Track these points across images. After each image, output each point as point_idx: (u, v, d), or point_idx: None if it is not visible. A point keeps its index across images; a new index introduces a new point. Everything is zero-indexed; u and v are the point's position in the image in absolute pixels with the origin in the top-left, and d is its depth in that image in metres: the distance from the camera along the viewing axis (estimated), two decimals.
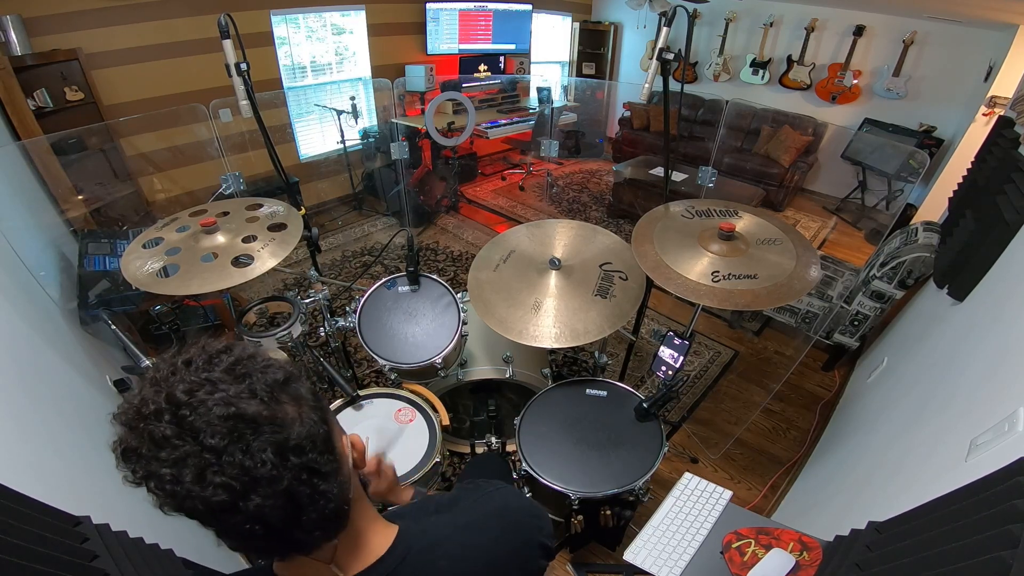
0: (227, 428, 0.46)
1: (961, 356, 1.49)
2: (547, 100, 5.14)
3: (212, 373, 0.49)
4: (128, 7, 3.10)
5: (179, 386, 0.47)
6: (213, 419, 0.46)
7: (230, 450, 0.46)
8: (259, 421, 0.48)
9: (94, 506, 1.05)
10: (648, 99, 1.61)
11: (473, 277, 1.70)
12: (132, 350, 1.68)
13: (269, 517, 0.48)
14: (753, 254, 1.48)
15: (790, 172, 4.76)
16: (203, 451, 0.45)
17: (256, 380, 0.51)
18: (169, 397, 0.47)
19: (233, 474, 0.46)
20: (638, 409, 1.56)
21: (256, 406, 0.48)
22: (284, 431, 0.49)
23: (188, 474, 0.45)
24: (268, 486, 0.47)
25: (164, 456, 0.45)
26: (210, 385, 0.48)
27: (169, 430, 0.46)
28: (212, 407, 0.47)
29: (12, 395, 1.17)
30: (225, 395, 0.48)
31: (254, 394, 0.49)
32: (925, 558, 0.78)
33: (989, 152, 2.23)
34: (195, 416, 0.46)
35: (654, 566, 1.12)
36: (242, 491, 0.46)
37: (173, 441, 0.45)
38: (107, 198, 2.92)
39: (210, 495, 0.45)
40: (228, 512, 0.47)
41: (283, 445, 0.49)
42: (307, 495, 0.50)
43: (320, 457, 0.52)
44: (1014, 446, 0.91)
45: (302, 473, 0.50)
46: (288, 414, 0.51)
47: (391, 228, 4.33)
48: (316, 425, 0.53)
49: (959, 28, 4.12)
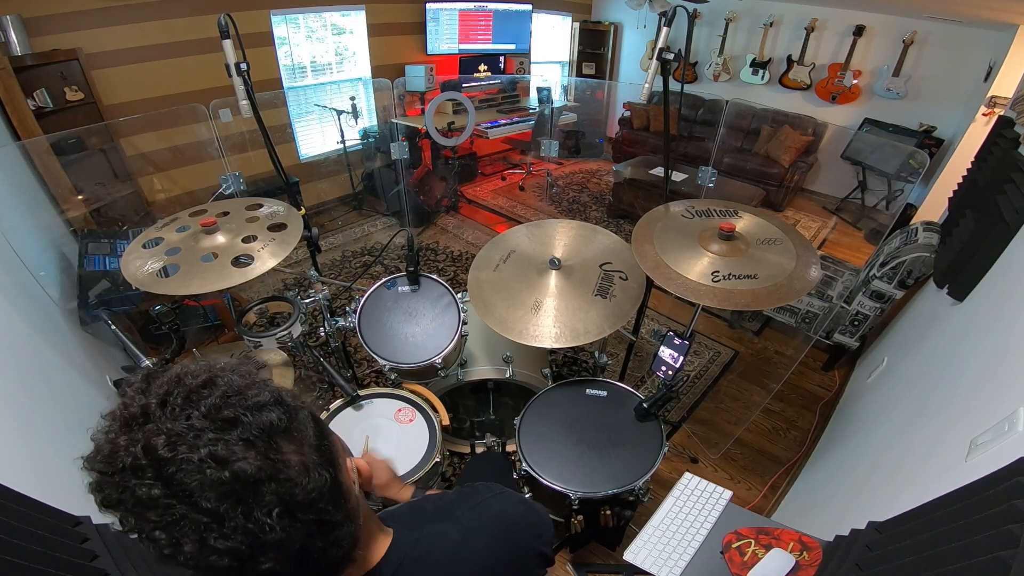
0: (223, 492, 0.40)
1: (961, 356, 1.49)
2: (547, 100, 5.14)
3: (192, 420, 0.42)
4: (128, 7, 3.10)
5: (157, 437, 0.41)
6: (206, 481, 0.40)
7: (231, 515, 0.41)
8: (260, 480, 0.42)
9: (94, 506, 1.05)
10: (648, 99, 1.61)
11: (473, 277, 1.70)
12: (132, 350, 1.68)
13: (280, 568, 0.44)
14: (753, 254, 1.48)
15: (790, 172, 4.76)
16: (200, 515, 0.40)
17: (248, 427, 0.44)
18: (147, 450, 0.40)
19: (239, 539, 0.41)
20: (638, 409, 1.56)
21: (253, 461, 0.42)
22: (289, 487, 0.44)
23: (187, 541, 0.40)
24: (278, 549, 0.43)
25: (154, 518, 0.40)
26: (193, 436, 0.41)
27: (156, 490, 0.40)
28: (202, 466, 0.40)
29: (12, 395, 1.17)
30: (213, 450, 0.41)
31: (249, 445, 0.43)
32: (925, 558, 0.78)
33: (989, 152, 2.23)
34: (183, 475, 0.40)
35: (654, 566, 1.12)
36: (250, 554, 0.42)
37: (162, 502, 0.40)
38: (107, 198, 2.92)
39: (215, 561, 0.41)
40: (235, 566, 0.42)
41: (290, 503, 0.44)
42: (320, 547, 0.48)
43: (330, 506, 0.48)
44: (1014, 446, 0.91)
45: (313, 528, 0.46)
46: (291, 465, 0.45)
47: (391, 228, 4.33)
48: (322, 471, 0.48)
49: (959, 28, 4.12)
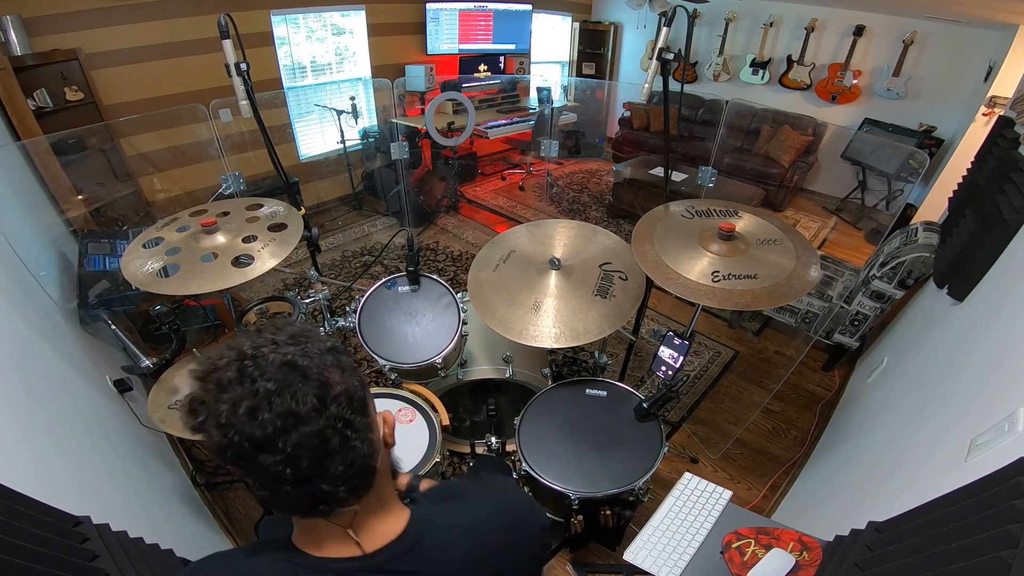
0: (281, 375, 0.55)
1: (961, 356, 1.49)
2: (547, 100, 5.14)
3: (277, 336, 0.59)
4: (128, 7, 3.09)
5: (247, 343, 0.57)
6: (270, 367, 0.55)
7: (280, 392, 0.54)
8: (308, 373, 0.56)
9: (94, 506, 1.05)
10: (648, 99, 1.62)
11: (473, 277, 1.70)
12: (132, 350, 1.68)
13: (301, 458, 0.54)
14: (753, 254, 1.48)
15: (790, 172, 4.75)
16: (258, 392, 0.53)
17: (311, 345, 0.59)
18: (239, 352, 0.56)
19: (280, 411, 0.53)
20: (638, 409, 1.56)
21: (307, 361, 0.57)
22: (326, 386, 0.57)
23: (242, 409, 0.52)
24: (306, 424, 0.54)
25: (225, 398, 0.53)
26: (273, 344, 0.57)
27: (233, 375, 0.54)
28: (272, 359, 0.56)
29: (12, 395, 1.17)
30: (284, 351, 0.57)
31: (307, 355, 0.58)
32: (925, 558, 0.78)
33: (989, 152, 2.23)
34: (255, 366, 0.55)
35: (654, 566, 1.12)
36: (283, 428, 0.53)
37: (234, 386, 0.54)
38: (107, 198, 2.92)
39: (256, 428, 0.52)
40: (268, 449, 0.53)
41: (325, 395, 0.56)
42: (338, 443, 0.56)
43: (355, 414, 0.59)
44: (1014, 446, 0.91)
45: (337, 421, 0.56)
46: (332, 375, 0.58)
47: (391, 228, 4.33)
48: (356, 388, 0.61)
49: (959, 28, 4.12)
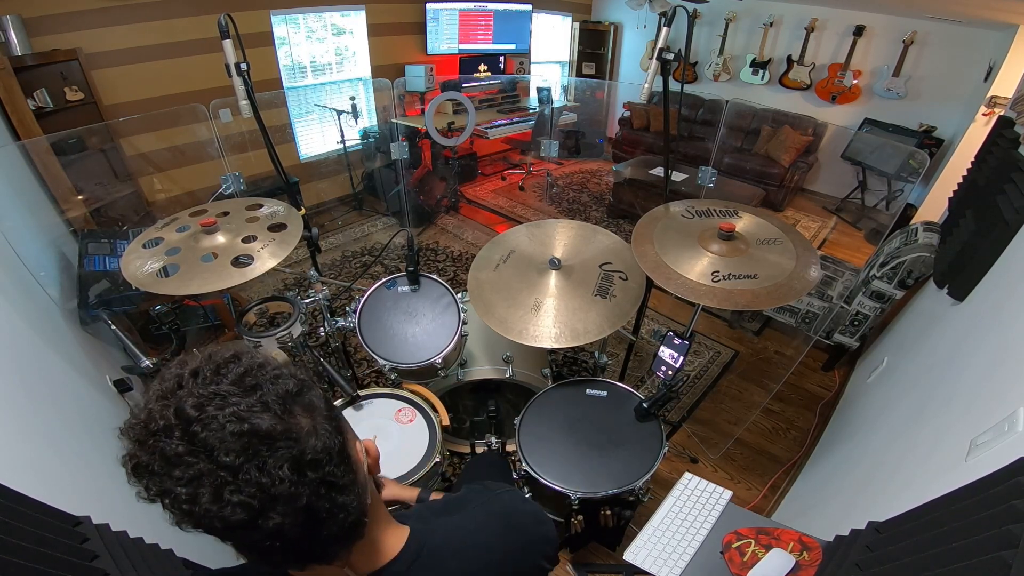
0: (241, 445, 0.45)
1: (961, 356, 1.49)
2: (547, 100, 5.14)
3: (220, 386, 0.48)
4: (128, 7, 3.10)
5: (188, 400, 0.46)
6: (226, 436, 0.45)
7: (246, 468, 0.45)
8: (273, 436, 0.47)
9: (94, 506, 1.05)
10: (648, 99, 1.61)
11: (473, 277, 1.70)
12: (132, 350, 1.68)
13: (288, 533, 0.47)
14: (753, 254, 1.48)
15: (790, 172, 4.76)
16: (218, 469, 0.45)
17: (267, 392, 0.49)
18: (178, 412, 0.46)
19: (251, 492, 0.45)
20: (638, 409, 1.56)
21: (269, 420, 0.47)
22: (299, 445, 0.48)
23: (205, 493, 0.44)
24: (287, 503, 0.47)
25: (178, 475, 0.44)
26: (220, 399, 0.47)
27: (181, 447, 0.45)
28: (224, 423, 0.46)
29: (12, 395, 1.17)
30: (236, 410, 0.47)
31: (266, 407, 0.48)
32: (925, 558, 0.78)
33: (989, 152, 2.23)
34: (207, 433, 0.45)
35: (654, 566, 1.12)
36: (260, 509, 0.46)
37: (186, 459, 0.45)
38: (107, 198, 2.92)
39: (228, 514, 0.45)
40: (247, 529, 0.46)
41: (299, 460, 0.48)
42: (326, 509, 0.50)
43: (337, 470, 0.51)
44: (1014, 446, 0.91)
45: (320, 488, 0.49)
46: (302, 427, 0.50)
47: (391, 228, 4.33)
48: (331, 436, 0.52)
49: (959, 28, 4.12)
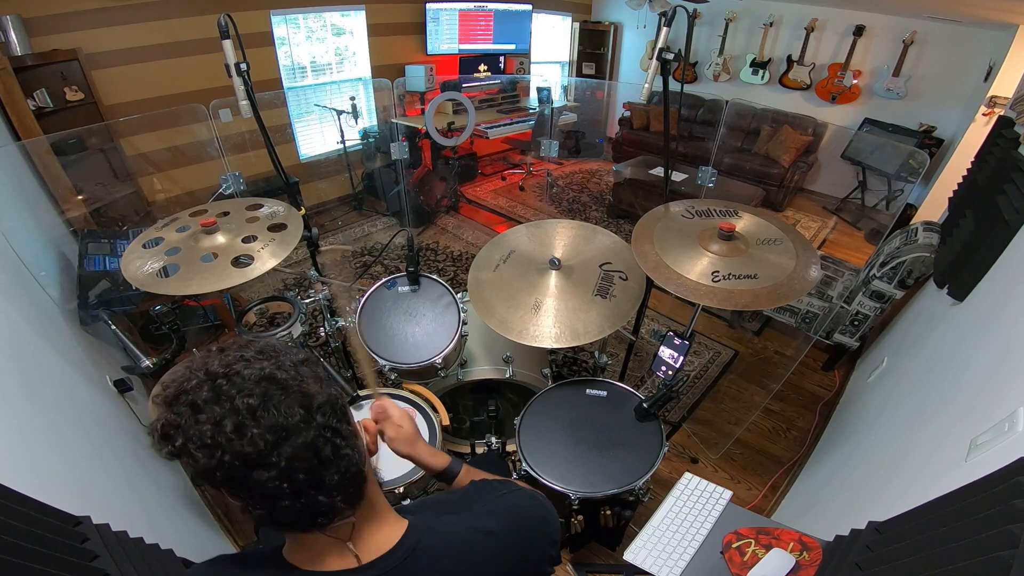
0: (260, 390, 0.53)
1: (961, 356, 1.49)
2: (547, 100, 5.13)
3: (245, 353, 0.57)
4: (128, 7, 3.09)
5: (215, 363, 0.55)
6: (248, 383, 0.53)
7: (264, 406, 0.52)
8: (288, 386, 0.55)
9: (94, 506, 1.05)
10: (648, 99, 1.61)
11: (473, 277, 1.70)
12: (132, 350, 1.68)
13: (296, 471, 0.53)
14: (753, 254, 1.48)
15: (790, 172, 4.75)
16: (240, 410, 0.51)
17: (283, 358, 0.58)
18: (208, 372, 0.54)
19: (268, 426, 0.51)
20: (638, 409, 1.56)
21: (284, 374, 0.56)
22: (308, 396, 0.56)
23: (228, 427, 0.50)
24: (297, 436, 0.53)
25: (203, 418, 0.51)
26: (243, 362, 0.56)
27: (208, 395, 0.52)
28: (247, 375, 0.54)
29: (12, 395, 1.17)
30: (258, 366, 0.55)
31: (281, 367, 0.57)
32: (925, 558, 0.78)
33: (989, 152, 2.23)
34: (230, 384, 0.53)
35: (654, 566, 1.12)
36: (275, 441, 0.52)
37: (212, 407, 0.51)
38: (107, 198, 2.92)
39: (247, 446, 0.50)
40: (261, 465, 0.51)
41: (309, 405, 0.55)
42: (330, 452, 0.56)
43: (340, 422, 0.58)
44: (1014, 446, 0.91)
45: (326, 431, 0.56)
46: (311, 385, 0.58)
47: (391, 228, 4.33)
48: (335, 397, 0.60)
49: (959, 28, 4.12)
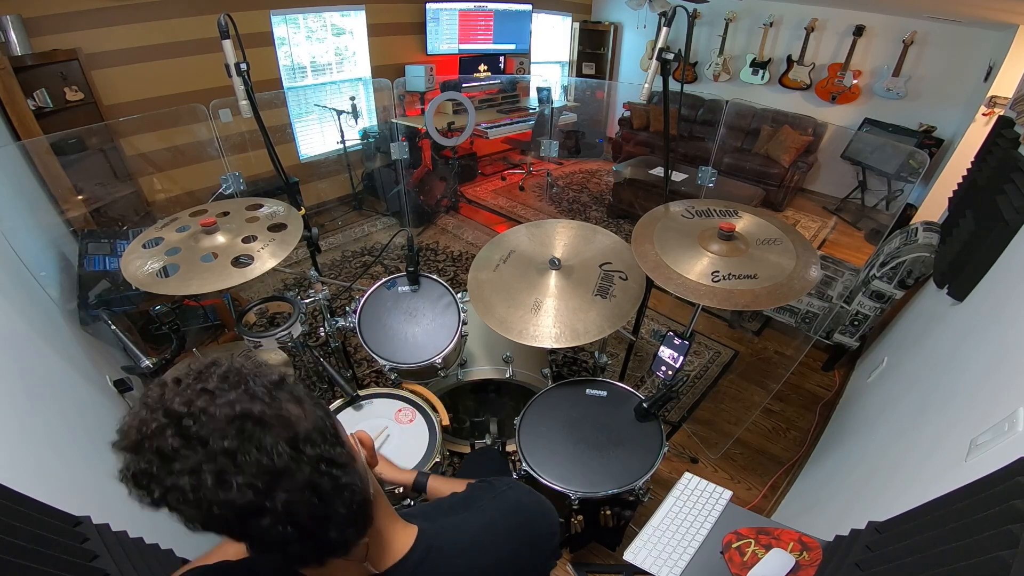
0: (235, 429, 0.45)
1: (961, 356, 1.49)
2: (547, 100, 5.13)
3: (207, 384, 0.48)
4: (128, 7, 3.09)
5: (175, 401, 0.46)
6: (219, 423, 0.45)
7: (243, 449, 0.45)
8: (266, 419, 0.47)
9: (94, 506, 1.05)
10: (648, 99, 1.62)
11: (473, 277, 1.70)
12: (132, 350, 1.68)
13: (299, 514, 0.47)
14: (753, 254, 1.48)
15: (790, 172, 4.75)
16: (217, 455, 0.44)
17: (252, 384, 0.49)
18: (168, 412, 0.45)
19: (253, 472, 0.44)
20: (638, 409, 1.56)
21: (260, 406, 0.48)
22: (292, 427, 0.48)
23: (208, 479, 0.43)
24: (290, 478, 0.46)
25: (178, 467, 0.44)
26: (207, 395, 0.47)
27: (176, 442, 0.44)
28: (215, 413, 0.45)
29: (12, 395, 1.17)
30: (226, 399, 0.47)
31: (254, 396, 0.48)
32: (925, 558, 0.78)
33: (989, 152, 2.23)
34: (199, 425, 0.45)
35: (654, 566, 1.12)
36: (266, 488, 0.45)
37: (182, 452, 0.44)
38: (107, 198, 2.92)
39: (235, 498, 0.44)
40: (257, 514, 0.45)
41: (295, 438, 0.48)
42: (330, 487, 0.50)
43: (333, 449, 0.51)
44: (1014, 446, 0.91)
45: (320, 463, 0.49)
46: (291, 411, 0.50)
47: (391, 228, 4.33)
48: (322, 419, 0.52)
49: (959, 28, 4.12)
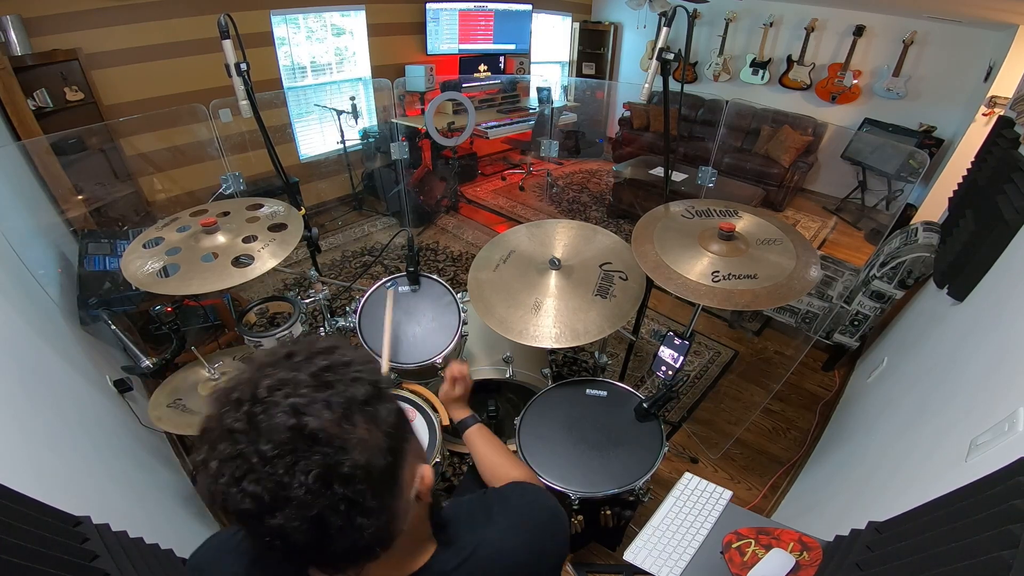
0: (284, 438, 0.46)
1: (961, 356, 1.49)
2: (547, 100, 5.14)
3: (299, 374, 0.50)
4: (128, 7, 3.09)
5: (267, 380, 0.50)
6: (276, 425, 0.47)
7: (276, 462, 0.46)
8: (317, 438, 0.47)
9: (94, 506, 1.05)
10: (648, 99, 1.62)
11: (473, 277, 1.70)
12: (132, 350, 1.68)
13: (292, 537, 0.47)
14: (753, 254, 1.48)
15: (790, 172, 4.75)
16: (254, 454, 0.46)
17: (337, 392, 0.50)
18: (254, 391, 0.49)
19: (267, 486, 0.46)
20: (638, 409, 1.56)
21: (321, 422, 0.48)
22: (339, 455, 0.48)
23: (227, 473, 0.46)
24: (296, 509, 0.46)
25: (222, 448, 0.47)
26: (291, 387, 0.49)
27: (239, 424, 0.48)
28: (279, 414, 0.47)
29: (12, 395, 1.17)
30: (297, 401, 0.48)
31: (328, 406, 0.49)
32: (925, 558, 0.78)
33: (989, 152, 2.23)
34: (264, 416, 0.47)
35: (654, 566, 1.12)
36: (269, 505, 0.46)
37: (236, 436, 0.47)
38: (107, 198, 2.91)
39: (238, 501, 0.46)
40: (251, 520, 0.47)
41: (331, 470, 0.47)
42: (338, 526, 0.48)
43: (369, 491, 0.50)
44: (1014, 446, 0.91)
45: (340, 504, 0.48)
46: (352, 437, 0.49)
47: (391, 228, 4.33)
48: (379, 455, 0.51)
49: (959, 28, 4.12)
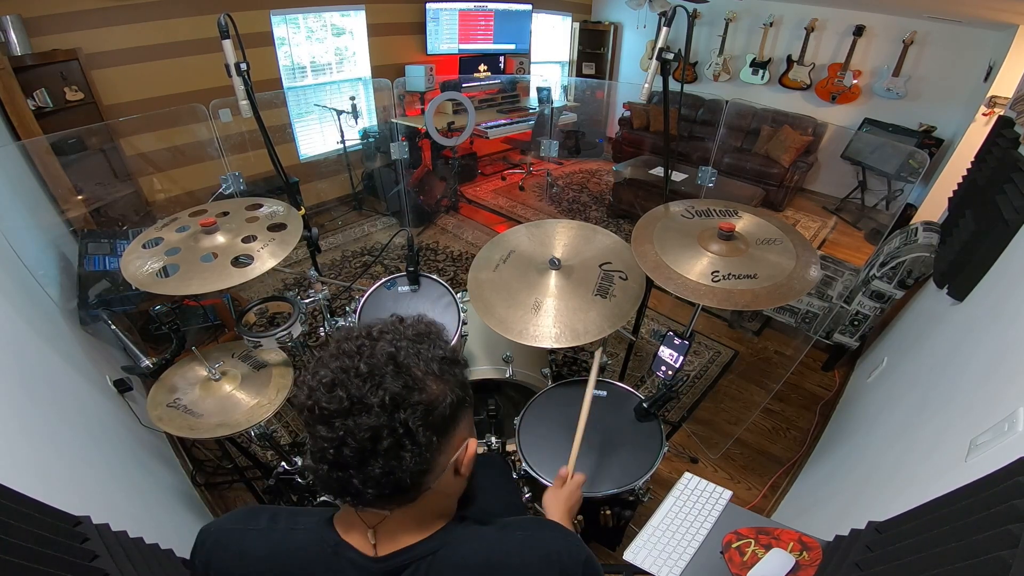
0: (378, 362, 0.57)
1: (961, 356, 1.49)
2: (547, 100, 5.14)
3: (407, 329, 0.63)
4: (128, 7, 3.10)
5: (386, 325, 0.63)
6: (377, 353, 0.58)
7: (366, 379, 0.56)
8: (401, 371, 0.58)
9: (94, 506, 1.05)
10: (648, 99, 1.62)
11: (473, 277, 1.70)
12: (132, 350, 1.68)
13: (348, 444, 0.55)
14: (753, 254, 1.48)
15: (790, 172, 4.75)
16: (352, 369, 0.57)
17: (427, 348, 0.62)
18: (369, 331, 0.62)
19: (352, 393, 0.56)
20: (638, 409, 1.56)
21: (411, 360, 0.59)
22: (414, 387, 0.57)
23: (328, 379, 0.57)
24: (364, 416, 0.55)
25: (330, 363, 0.58)
26: (395, 334, 0.62)
27: (352, 347, 0.59)
28: (382, 348, 0.59)
29: (13, 395, 1.17)
30: (400, 344, 0.60)
31: (416, 355, 0.60)
32: (925, 558, 0.78)
33: (989, 152, 2.23)
34: (369, 346, 0.59)
35: (654, 566, 1.12)
36: (346, 409, 0.55)
37: (345, 356, 0.58)
38: (107, 198, 2.92)
39: (327, 401, 0.56)
40: (328, 420, 0.56)
41: (403, 397, 0.56)
42: (388, 446, 0.56)
43: (423, 428, 0.58)
44: (1014, 446, 0.91)
45: (398, 427, 0.56)
46: (428, 381, 0.59)
47: (391, 228, 4.33)
48: (442, 404, 0.60)
49: (959, 28, 4.12)
